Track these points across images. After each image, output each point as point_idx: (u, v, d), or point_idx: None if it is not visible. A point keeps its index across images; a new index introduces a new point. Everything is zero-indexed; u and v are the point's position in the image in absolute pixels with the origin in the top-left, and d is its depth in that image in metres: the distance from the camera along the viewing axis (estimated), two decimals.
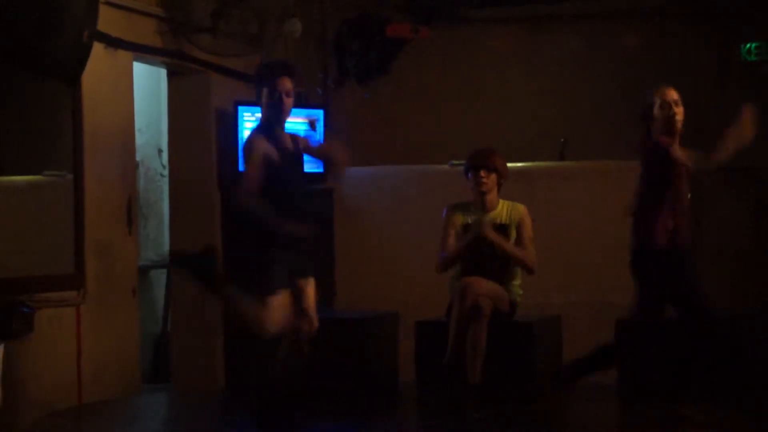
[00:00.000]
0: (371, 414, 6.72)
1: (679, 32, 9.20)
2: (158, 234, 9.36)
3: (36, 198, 7.01)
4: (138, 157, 8.36)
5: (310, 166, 8.50)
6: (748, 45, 8.87)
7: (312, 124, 7.95)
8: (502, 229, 6.95)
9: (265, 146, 6.08)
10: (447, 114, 9.55)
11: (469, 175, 7.05)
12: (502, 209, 7.04)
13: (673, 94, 6.37)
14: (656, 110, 6.35)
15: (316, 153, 6.42)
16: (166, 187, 9.03)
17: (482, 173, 6.99)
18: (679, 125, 6.35)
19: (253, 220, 6.00)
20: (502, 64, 9.64)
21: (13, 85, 6.59)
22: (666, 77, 6.49)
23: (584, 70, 9.33)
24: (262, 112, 6.28)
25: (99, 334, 7.21)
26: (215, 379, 8.17)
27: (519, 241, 6.96)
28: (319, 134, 8.10)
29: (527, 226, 7.00)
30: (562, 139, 8.68)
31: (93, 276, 7.19)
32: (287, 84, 6.15)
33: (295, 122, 8.20)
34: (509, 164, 7.18)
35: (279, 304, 5.96)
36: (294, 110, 8.07)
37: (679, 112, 6.35)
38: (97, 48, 6.86)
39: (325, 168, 6.94)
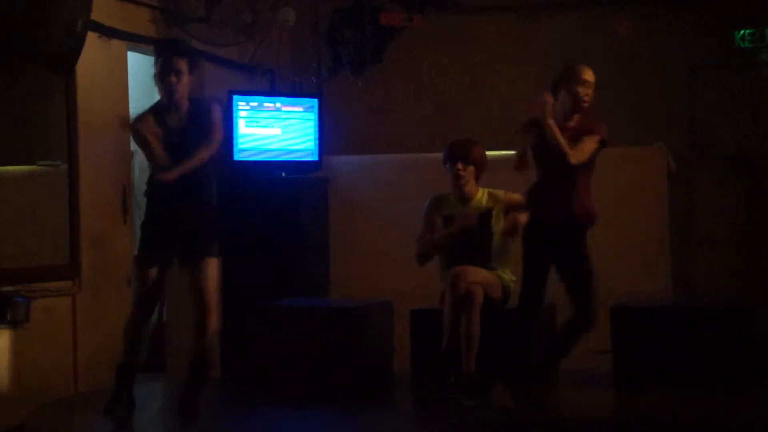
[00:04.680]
0: (365, 402, 6.73)
1: (673, 19, 9.21)
2: None
3: (30, 188, 7.00)
4: (132, 147, 8.35)
5: (302, 155, 8.55)
6: (742, 32, 8.89)
7: None
8: (486, 213, 6.92)
9: (143, 125, 6.11)
10: (440, 102, 9.56)
11: (447, 165, 7.02)
12: (482, 197, 7.00)
13: (588, 75, 6.40)
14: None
15: None
16: None
17: (459, 165, 6.95)
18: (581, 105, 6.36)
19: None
20: (495, 51, 9.65)
21: (7, 75, 6.59)
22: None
23: (577, 57, 9.30)
24: None
25: (94, 323, 7.22)
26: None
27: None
28: None
29: (511, 195, 6.99)
30: None
31: (88, 266, 7.20)
32: (176, 63, 6.04)
33: (292, 111, 8.23)
34: (502, 152, 7.16)
35: (137, 275, 6.23)
36: (288, 100, 8.04)
37: (587, 94, 6.36)
38: (91, 37, 6.87)
39: None
